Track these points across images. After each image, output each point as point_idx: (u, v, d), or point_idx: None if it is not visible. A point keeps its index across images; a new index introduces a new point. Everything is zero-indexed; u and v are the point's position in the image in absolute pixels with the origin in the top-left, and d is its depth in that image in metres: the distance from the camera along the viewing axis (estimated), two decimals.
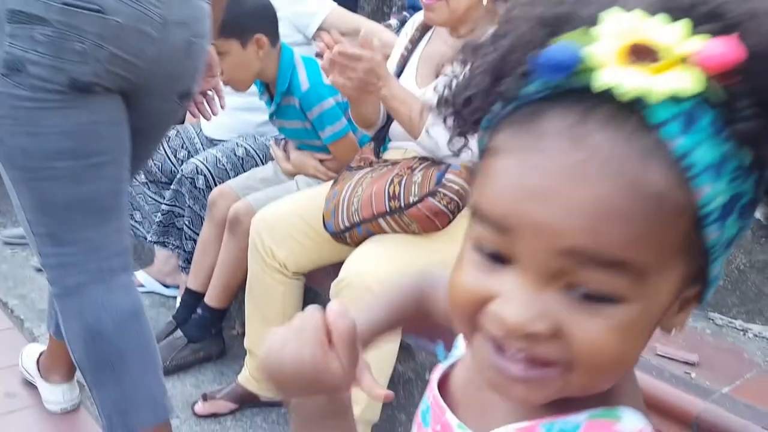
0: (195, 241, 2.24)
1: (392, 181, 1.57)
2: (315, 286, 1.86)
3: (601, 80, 0.40)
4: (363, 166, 1.73)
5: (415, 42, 1.78)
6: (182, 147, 2.51)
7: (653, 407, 1.23)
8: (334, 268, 1.61)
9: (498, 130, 0.46)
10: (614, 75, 0.39)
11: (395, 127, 1.72)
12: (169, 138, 2.50)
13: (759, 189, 0.43)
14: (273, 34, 2.06)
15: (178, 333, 2.11)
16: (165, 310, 2.44)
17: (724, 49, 0.38)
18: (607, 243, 0.41)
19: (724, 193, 0.41)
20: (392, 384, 1.69)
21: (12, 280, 2.64)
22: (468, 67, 0.49)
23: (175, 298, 2.43)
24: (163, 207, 2.32)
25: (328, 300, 1.55)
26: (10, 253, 2.90)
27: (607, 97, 0.40)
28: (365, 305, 0.73)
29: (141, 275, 2.59)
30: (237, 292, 2.05)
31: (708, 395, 1.24)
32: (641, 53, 0.40)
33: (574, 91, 0.42)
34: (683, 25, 0.40)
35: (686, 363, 1.34)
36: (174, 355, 2.07)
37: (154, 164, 2.47)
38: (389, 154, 1.75)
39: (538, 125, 0.42)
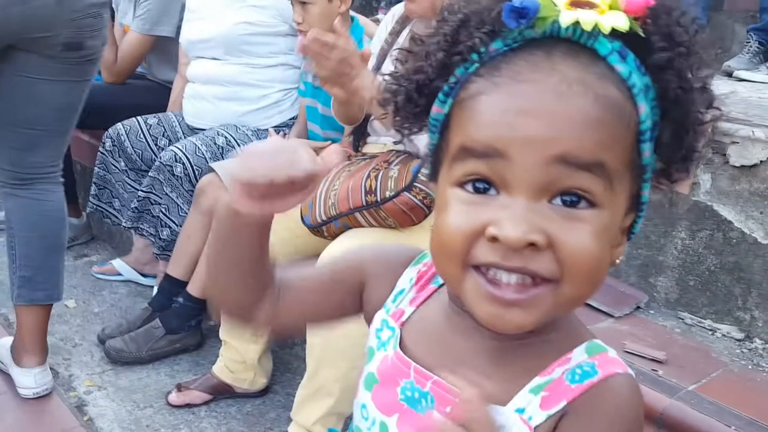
0: (171, 229, 2.23)
1: (369, 175, 1.58)
2: None
3: (566, 18, 0.50)
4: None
5: (395, 34, 1.78)
6: (163, 135, 2.49)
7: None
8: (312, 261, 1.61)
9: (467, 85, 0.54)
10: (573, 14, 0.50)
11: (376, 122, 1.72)
12: (150, 126, 2.49)
13: (666, 125, 0.54)
14: None
15: (156, 323, 2.10)
16: (142, 299, 2.43)
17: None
18: (589, 146, 0.50)
19: (650, 116, 0.52)
20: None
21: None
22: (411, 57, 0.58)
23: (152, 287, 2.42)
24: (140, 193, 2.31)
25: None
26: None
27: (560, 39, 0.52)
28: None
29: (118, 264, 2.58)
30: None
31: (674, 392, 1.26)
32: (581, 4, 0.51)
33: (533, 41, 0.52)
34: None
35: (654, 360, 1.36)
36: (150, 344, 2.07)
37: (135, 152, 2.46)
38: (368, 148, 1.75)
39: (510, 67, 0.52)
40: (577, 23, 0.50)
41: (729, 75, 2.54)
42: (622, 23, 0.50)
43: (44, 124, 1.78)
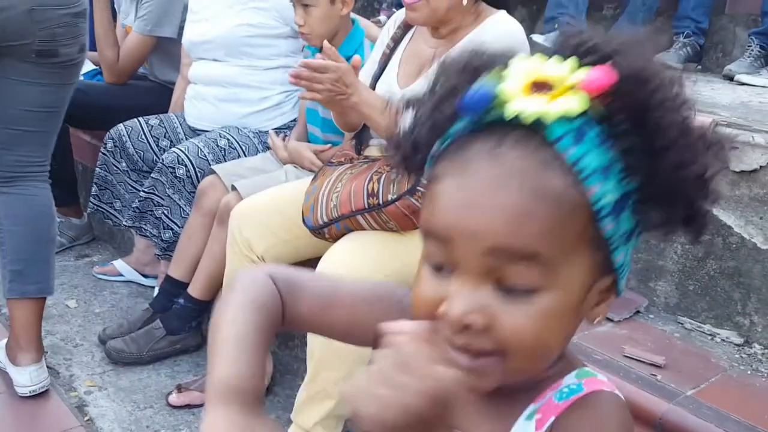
0: (173, 230, 2.23)
1: (371, 178, 1.58)
2: None
3: (511, 108, 0.51)
4: (343, 162, 1.74)
5: (397, 40, 1.79)
6: (164, 136, 2.50)
7: None
8: (313, 263, 1.62)
9: (436, 163, 0.57)
10: (520, 104, 0.51)
11: None
12: (152, 127, 2.50)
13: (645, 190, 0.53)
14: None
15: (157, 324, 2.10)
16: (143, 299, 2.44)
17: (600, 74, 0.50)
18: (521, 239, 0.51)
19: (613, 191, 0.52)
20: None
21: None
22: (414, 115, 0.60)
23: (153, 288, 2.43)
24: (141, 194, 2.32)
25: None
26: None
27: (516, 124, 0.52)
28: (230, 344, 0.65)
29: (120, 264, 2.59)
30: (221, 285, 2.06)
31: (672, 397, 1.26)
32: (541, 87, 0.51)
33: (492, 123, 0.53)
34: (571, 61, 0.51)
35: (653, 365, 1.37)
36: (151, 345, 2.07)
37: (136, 152, 2.46)
38: (370, 151, 1.76)
39: (465, 153, 0.54)
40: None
41: (730, 79, 2.54)
42: (574, 107, 0.50)
43: (23, 124, 1.83)
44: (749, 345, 1.51)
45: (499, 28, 1.62)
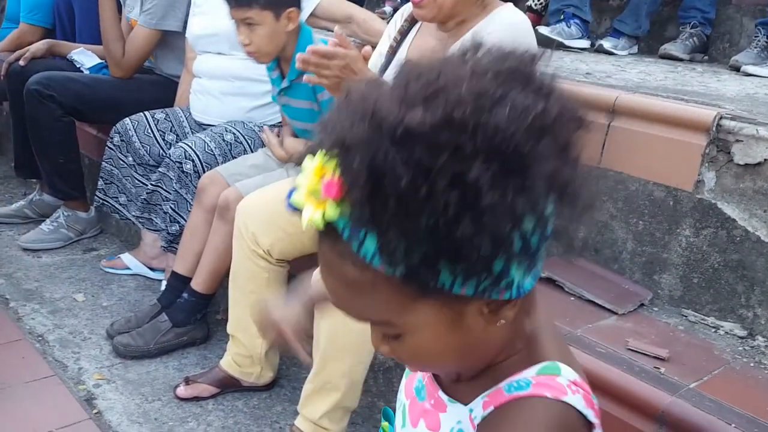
0: (179, 224, 2.25)
1: None
2: (299, 274, 1.88)
3: (302, 219, 0.56)
4: None
5: (404, 33, 1.79)
6: (170, 130, 2.51)
7: (621, 400, 1.27)
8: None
9: None
10: (303, 213, 0.56)
11: None
12: (158, 121, 2.51)
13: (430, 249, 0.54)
14: (300, 10, 2.04)
15: (163, 317, 2.12)
16: (151, 293, 2.46)
17: (325, 188, 0.54)
18: (354, 313, 0.62)
19: (402, 262, 0.54)
20: (372, 371, 1.72)
21: None
22: None
23: (161, 281, 2.44)
24: (149, 187, 2.34)
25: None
26: None
27: None
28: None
29: (127, 258, 2.61)
30: (224, 278, 2.07)
31: (675, 390, 1.27)
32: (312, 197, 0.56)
33: None
34: (319, 166, 0.55)
35: (656, 358, 1.37)
36: (158, 338, 2.09)
37: (143, 147, 2.48)
38: None
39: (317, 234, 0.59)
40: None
41: (737, 70, 2.53)
42: (330, 215, 0.55)
43: None
44: (752, 337, 1.52)
45: (505, 20, 1.62)
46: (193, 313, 2.12)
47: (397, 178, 0.51)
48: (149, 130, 2.49)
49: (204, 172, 2.22)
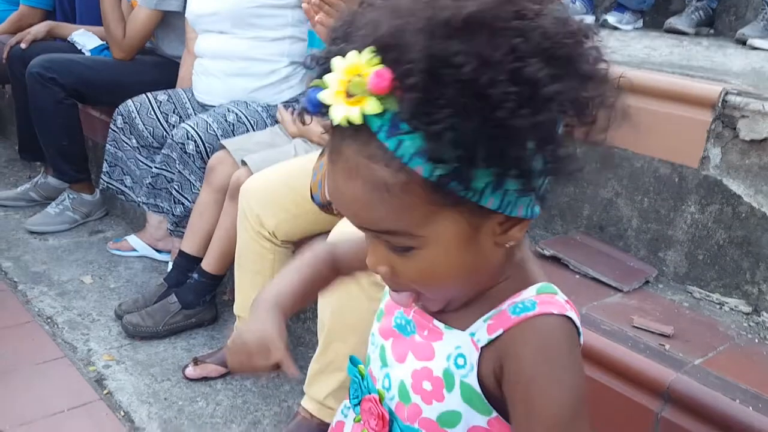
0: (184, 205, 2.25)
1: None
2: None
3: (330, 114, 0.57)
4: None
5: None
6: (173, 112, 2.50)
7: (626, 376, 1.28)
8: (324, 238, 1.63)
9: None
10: (333, 110, 0.56)
11: None
12: (161, 102, 2.50)
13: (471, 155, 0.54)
14: None
15: (172, 298, 2.14)
16: (157, 274, 2.47)
17: (376, 79, 0.54)
18: (370, 222, 0.60)
19: (446, 163, 0.54)
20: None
21: (5, 243, 2.67)
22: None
23: (167, 263, 2.46)
24: (153, 170, 2.34)
25: None
26: (3, 215, 2.92)
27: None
28: (283, 276, 0.88)
29: (133, 240, 2.62)
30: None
31: (680, 367, 1.28)
32: (348, 94, 0.56)
33: None
34: (367, 60, 0.54)
35: (662, 335, 1.38)
36: (167, 319, 2.11)
37: (146, 129, 2.48)
38: None
39: (331, 141, 0.60)
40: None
41: (743, 43, 2.50)
42: (368, 109, 0.54)
43: None
44: (757, 313, 1.52)
45: None
46: (202, 294, 2.13)
47: (459, 66, 0.52)
48: (152, 112, 2.48)
49: (207, 152, 2.23)
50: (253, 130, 2.33)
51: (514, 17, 0.54)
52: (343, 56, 0.56)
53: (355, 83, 0.55)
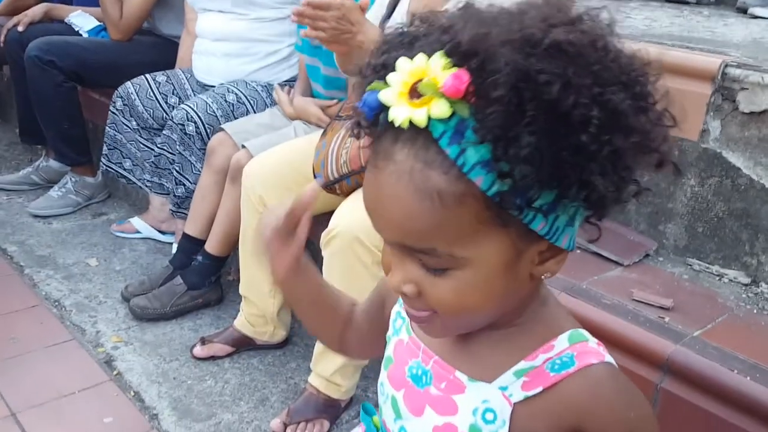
0: (185, 186, 2.27)
1: None
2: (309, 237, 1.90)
3: (390, 115, 0.54)
4: (351, 116, 1.74)
5: None
6: (173, 93, 2.50)
7: (626, 349, 1.30)
8: (326, 218, 1.65)
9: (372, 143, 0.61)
10: (395, 111, 0.54)
11: None
12: (159, 84, 2.50)
13: (537, 173, 0.53)
14: None
15: (178, 279, 2.16)
16: (162, 256, 2.50)
17: (453, 81, 0.52)
18: (414, 239, 0.57)
19: (510, 174, 0.53)
20: None
21: (9, 227, 2.68)
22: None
23: (171, 244, 2.48)
24: (155, 150, 2.35)
25: (319, 250, 1.60)
26: (6, 199, 2.93)
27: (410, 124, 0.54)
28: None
29: (137, 222, 2.63)
30: (237, 239, 2.10)
31: (679, 338, 1.30)
32: (413, 93, 0.54)
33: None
34: (440, 63, 0.53)
35: (661, 308, 1.40)
36: (174, 301, 2.14)
37: (146, 110, 2.48)
38: None
39: (378, 145, 0.57)
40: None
41: (744, 12, 2.49)
42: (436, 113, 0.52)
43: None
44: (756, 284, 1.54)
45: None
46: (207, 276, 2.15)
47: (544, 84, 0.51)
48: (151, 93, 2.48)
49: (207, 133, 2.23)
50: (253, 110, 2.33)
51: (591, 46, 0.54)
52: (411, 59, 0.54)
53: (426, 83, 0.53)
